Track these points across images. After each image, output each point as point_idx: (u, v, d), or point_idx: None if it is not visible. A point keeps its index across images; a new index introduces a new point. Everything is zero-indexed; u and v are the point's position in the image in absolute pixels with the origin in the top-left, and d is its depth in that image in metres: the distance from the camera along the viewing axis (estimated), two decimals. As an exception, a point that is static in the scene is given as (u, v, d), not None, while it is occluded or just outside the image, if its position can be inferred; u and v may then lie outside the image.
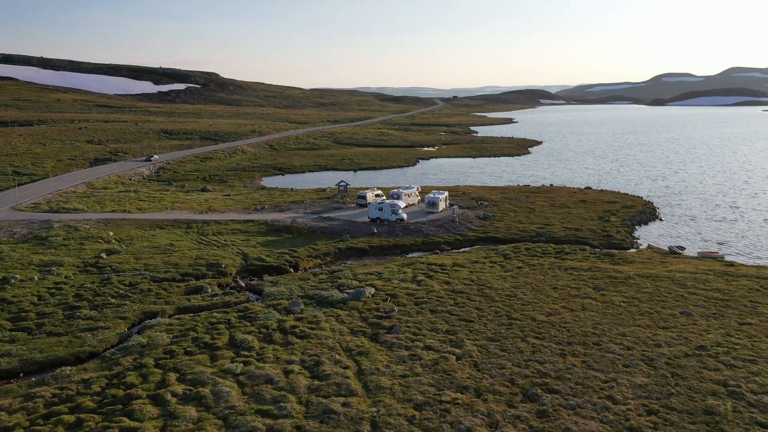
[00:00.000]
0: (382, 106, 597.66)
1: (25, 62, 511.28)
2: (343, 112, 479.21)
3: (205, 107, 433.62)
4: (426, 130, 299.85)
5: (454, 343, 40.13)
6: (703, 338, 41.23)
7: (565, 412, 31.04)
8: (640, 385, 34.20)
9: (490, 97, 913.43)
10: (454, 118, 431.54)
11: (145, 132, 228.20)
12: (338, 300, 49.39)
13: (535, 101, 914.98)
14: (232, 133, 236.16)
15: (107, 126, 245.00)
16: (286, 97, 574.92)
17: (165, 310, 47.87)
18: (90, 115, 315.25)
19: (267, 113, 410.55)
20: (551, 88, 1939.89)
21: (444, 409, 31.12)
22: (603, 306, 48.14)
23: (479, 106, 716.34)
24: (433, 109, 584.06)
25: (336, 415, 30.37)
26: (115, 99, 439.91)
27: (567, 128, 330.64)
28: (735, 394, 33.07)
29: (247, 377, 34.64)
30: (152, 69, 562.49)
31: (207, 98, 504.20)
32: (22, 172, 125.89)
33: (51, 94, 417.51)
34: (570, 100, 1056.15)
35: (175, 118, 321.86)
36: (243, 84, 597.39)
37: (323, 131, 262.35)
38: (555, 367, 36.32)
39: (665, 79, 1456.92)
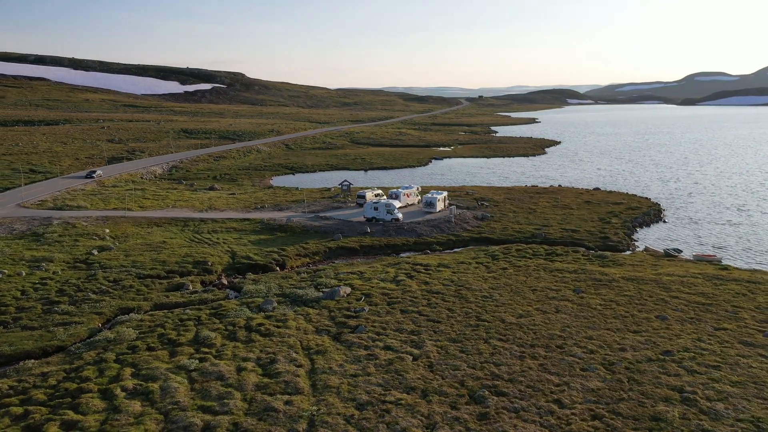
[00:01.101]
0: (406, 105, 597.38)
1: (56, 63, 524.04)
2: (365, 111, 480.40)
3: (229, 107, 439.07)
4: (445, 130, 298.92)
5: (415, 344, 40.01)
6: (671, 343, 40.37)
7: (507, 414, 30.72)
8: (593, 389, 33.65)
9: (516, 97, 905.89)
10: (476, 117, 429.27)
11: (165, 131, 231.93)
12: (312, 299, 49.63)
13: (562, 101, 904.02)
14: (250, 133, 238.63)
15: (129, 125, 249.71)
16: (310, 97, 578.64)
17: (141, 306, 48.68)
18: (115, 114, 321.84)
19: (289, 113, 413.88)
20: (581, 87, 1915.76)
21: (385, 409, 31.08)
22: (578, 309, 47.46)
23: (504, 105, 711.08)
24: (456, 109, 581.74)
25: (276, 413, 30.56)
26: (142, 99, 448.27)
27: (589, 128, 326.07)
28: (688, 400, 32.33)
29: (199, 374, 35.07)
30: (179, 69, 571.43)
31: (232, 98, 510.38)
32: (38, 170, 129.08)
33: (80, 94, 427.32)
34: (598, 100, 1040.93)
35: (198, 117, 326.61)
36: (268, 84, 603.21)
37: (341, 131, 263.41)
38: (510, 370, 35.96)
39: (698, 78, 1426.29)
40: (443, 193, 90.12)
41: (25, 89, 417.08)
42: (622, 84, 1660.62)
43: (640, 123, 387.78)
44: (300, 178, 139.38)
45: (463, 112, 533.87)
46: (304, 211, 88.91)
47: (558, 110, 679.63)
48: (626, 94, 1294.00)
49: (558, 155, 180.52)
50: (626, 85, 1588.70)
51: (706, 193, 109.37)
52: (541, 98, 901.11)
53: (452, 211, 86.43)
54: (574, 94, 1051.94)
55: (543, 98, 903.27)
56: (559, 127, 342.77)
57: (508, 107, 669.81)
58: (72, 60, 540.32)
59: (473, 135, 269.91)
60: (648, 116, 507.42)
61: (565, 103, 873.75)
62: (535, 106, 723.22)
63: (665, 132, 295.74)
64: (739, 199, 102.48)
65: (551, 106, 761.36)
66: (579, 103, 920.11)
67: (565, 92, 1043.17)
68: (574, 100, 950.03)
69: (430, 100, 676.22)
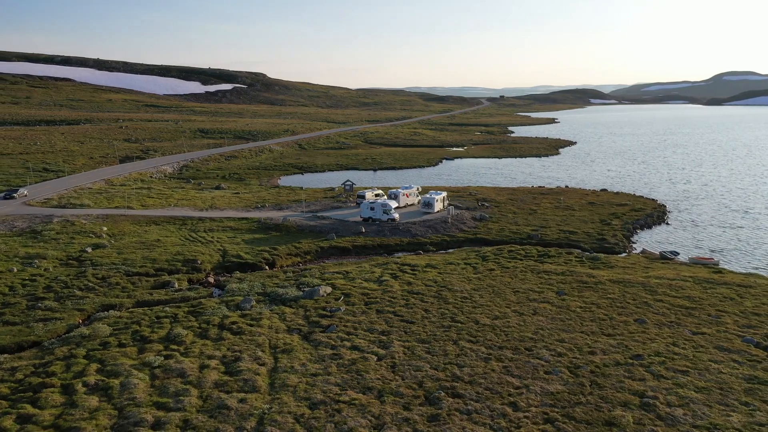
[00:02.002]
0: (426, 105, 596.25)
1: (82, 64, 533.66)
2: (384, 112, 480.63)
3: (249, 107, 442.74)
4: (462, 130, 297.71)
5: (383, 344, 39.98)
6: (644, 347, 39.74)
7: (458, 417, 30.55)
8: (552, 392, 33.29)
9: (538, 97, 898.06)
10: (495, 117, 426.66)
11: (182, 131, 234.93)
12: (291, 298, 49.87)
13: (585, 101, 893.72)
14: (265, 133, 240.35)
15: (148, 125, 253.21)
16: (330, 97, 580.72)
17: (123, 304, 49.41)
18: (136, 114, 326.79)
19: (308, 113, 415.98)
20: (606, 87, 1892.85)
21: (337, 409, 31.13)
22: (556, 311, 46.96)
23: (525, 105, 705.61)
24: (476, 109, 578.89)
25: (228, 410, 30.81)
26: (164, 99, 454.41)
27: (607, 128, 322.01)
28: (647, 405, 31.80)
29: (162, 370, 35.51)
30: (201, 70, 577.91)
31: (252, 98, 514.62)
32: (52, 168, 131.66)
33: (104, 95, 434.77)
34: (622, 100, 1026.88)
35: (217, 117, 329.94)
36: (288, 84, 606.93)
37: (356, 131, 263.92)
38: (472, 372, 35.73)
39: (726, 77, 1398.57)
40: (442, 194, 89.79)
41: (50, 89, 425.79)
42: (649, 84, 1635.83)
43: (661, 123, 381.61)
44: (308, 178, 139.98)
45: (482, 112, 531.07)
46: (303, 210, 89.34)
47: (580, 110, 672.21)
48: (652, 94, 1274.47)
49: (571, 156, 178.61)
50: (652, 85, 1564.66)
51: (714, 195, 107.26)
52: (564, 98, 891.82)
53: (450, 211, 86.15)
54: (597, 93, 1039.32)
55: (565, 98, 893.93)
56: (578, 127, 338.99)
57: (528, 107, 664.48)
58: (97, 61, 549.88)
59: (489, 135, 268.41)
60: (670, 116, 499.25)
61: (588, 103, 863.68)
62: (557, 106, 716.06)
63: (685, 132, 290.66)
64: (747, 202, 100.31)
65: (573, 106, 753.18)
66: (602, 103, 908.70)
67: (588, 92, 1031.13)
68: (597, 100, 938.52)
69: (450, 100, 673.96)
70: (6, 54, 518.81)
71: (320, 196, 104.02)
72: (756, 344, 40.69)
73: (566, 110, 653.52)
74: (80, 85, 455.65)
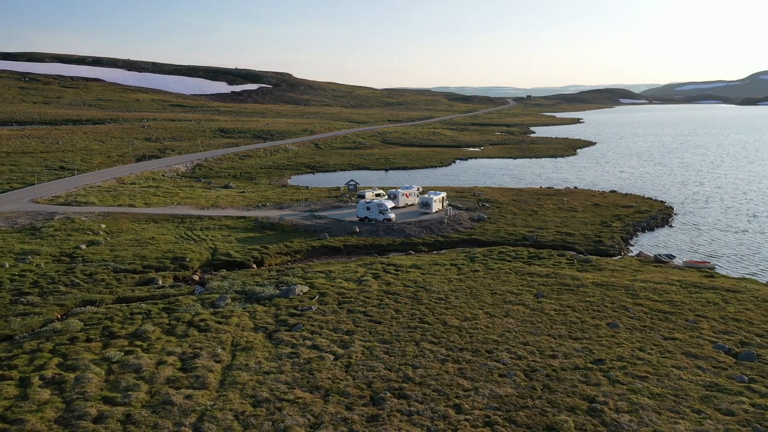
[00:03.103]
0: (450, 105, 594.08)
1: (112, 64, 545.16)
2: (407, 111, 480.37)
3: (273, 107, 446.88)
4: (482, 130, 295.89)
5: (343, 344, 40.05)
6: (608, 351, 39.04)
7: (398, 418, 30.46)
8: (501, 396, 32.94)
9: (566, 97, 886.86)
10: (519, 118, 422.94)
11: (202, 131, 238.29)
12: (266, 296, 50.29)
13: (614, 101, 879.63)
14: (284, 132, 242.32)
15: (170, 125, 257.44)
16: (354, 97, 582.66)
17: (104, 300, 50.39)
18: (162, 114, 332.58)
19: (331, 112, 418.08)
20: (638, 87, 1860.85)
21: (279, 407, 31.31)
22: (529, 313, 46.44)
23: (552, 105, 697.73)
24: (501, 109, 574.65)
25: (172, 406, 31.24)
26: (191, 99, 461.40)
27: (631, 129, 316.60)
28: (594, 411, 31.26)
29: (120, 366, 36.15)
30: (228, 70, 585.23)
31: (277, 98, 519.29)
32: (68, 167, 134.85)
33: (132, 95, 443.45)
34: (653, 100, 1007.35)
35: (240, 117, 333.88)
36: (314, 84, 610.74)
37: (374, 131, 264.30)
38: (425, 373, 35.57)
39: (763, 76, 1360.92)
40: (441, 194, 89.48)
41: (80, 90, 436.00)
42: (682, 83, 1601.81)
43: (688, 123, 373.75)
44: (319, 177, 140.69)
45: (507, 112, 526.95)
46: (303, 210, 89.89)
47: (608, 110, 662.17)
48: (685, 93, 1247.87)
49: (586, 157, 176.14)
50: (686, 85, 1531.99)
51: (725, 198, 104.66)
52: (592, 98, 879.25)
53: (448, 212, 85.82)
54: (627, 93, 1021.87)
55: (594, 98, 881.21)
56: (602, 127, 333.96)
57: (555, 107, 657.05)
58: (126, 61, 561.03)
59: (509, 135, 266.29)
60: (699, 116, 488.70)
61: (617, 103, 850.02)
62: (585, 106, 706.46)
63: (710, 133, 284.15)
64: (758, 206, 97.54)
65: (602, 106, 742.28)
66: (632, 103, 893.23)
67: (618, 92, 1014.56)
68: (627, 100, 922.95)
69: (475, 100, 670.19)
70: (40, 55, 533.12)
71: (324, 196, 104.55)
72: (727, 351, 39.66)
73: (593, 110, 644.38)
74: (109, 86, 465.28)
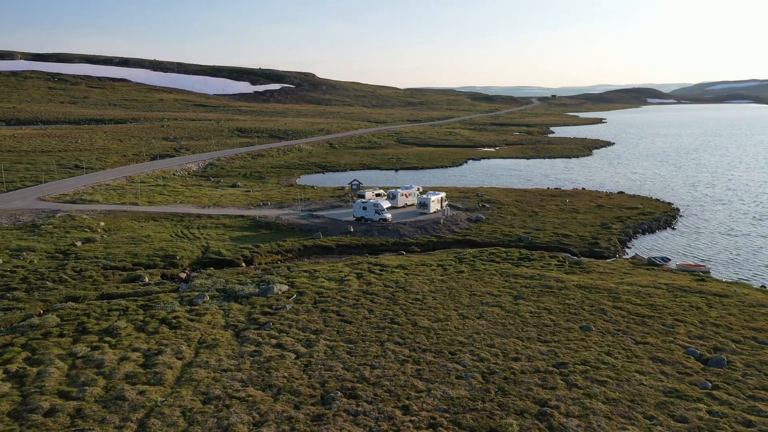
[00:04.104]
0: (472, 105, 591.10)
1: (138, 65, 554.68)
2: (428, 111, 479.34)
3: (294, 106, 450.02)
4: (501, 130, 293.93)
5: (308, 343, 40.21)
6: (574, 355, 38.52)
7: (343, 418, 30.49)
8: (452, 398, 32.75)
9: (592, 96, 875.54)
10: (540, 118, 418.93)
11: (220, 130, 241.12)
12: (245, 295, 50.72)
13: (641, 100, 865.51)
14: (300, 132, 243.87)
15: (189, 124, 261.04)
16: (376, 97, 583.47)
17: (87, 296, 51.39)
18: (184, 113, 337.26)
19: (351, 112, 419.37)
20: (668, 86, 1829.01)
21: (228, 404, 31.59)
22: (503, 315, 46.05)
23: (577, 105, 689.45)
24: (524, 109, 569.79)
25: (123, 401, 31.74)
26: (214, 99, 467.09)
27: (653, 129, 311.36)
28: (543, 415, 30.90)
29: (83, 361, 36.86)
30: (251, 70, 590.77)
31: (299, 98, 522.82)
32: (82, 165, 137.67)
33: (156, 95, 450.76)
34: (681, 100, 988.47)
35: (260, 117, 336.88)
36: (336, 84, 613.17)
37: (391, 130, 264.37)
38: (382, 373, 35.52)
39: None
40: (440, 194, 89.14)
41: (107, 90, 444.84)
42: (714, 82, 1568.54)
43: (713, 123, 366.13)
44: (329, 177, 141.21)
45: (529, 112, 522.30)
46: (302, 209, 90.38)
47: (634, 110, 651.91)
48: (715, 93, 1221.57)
49: (600, 157, 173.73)
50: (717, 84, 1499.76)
51: (734, 200, 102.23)
52: (618, 98, 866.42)
53: (445, 212, 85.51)
54: (655, 93, 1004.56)
55: (620, 98, 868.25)
56: (623, 127, 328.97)
57: (579, 107, 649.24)
58: (153, 62, 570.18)
59: (527, 135, 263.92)
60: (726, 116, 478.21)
61: (644, 103, 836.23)
62: (610, 106, 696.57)
63: (733, 133, 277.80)
64: (765, 209, 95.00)
65: (627, 106, 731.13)
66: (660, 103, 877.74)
67: (645, 91, 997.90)
68: (654, 100, 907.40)
69: (498, 100, 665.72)
70: (69, 56, 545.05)
71: (327, 196, 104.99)
72: (698, 357, 38.83)
73: (619, 110, 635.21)
74: (135, 86, 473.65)
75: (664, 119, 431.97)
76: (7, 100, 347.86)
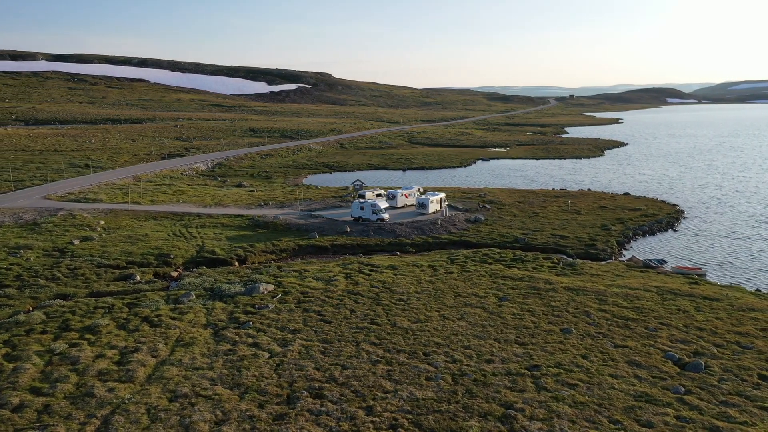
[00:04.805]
0: (488, 105, 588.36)
1: (156, 65, 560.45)
2: (443, 111, 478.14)
3: (309, 106, 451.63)
4: (514, 130, 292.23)
5: (284, 342, 40.39)
6: (549, 358, 38.21)
7: (305, 417, 30.59)
8: (418, 399, 32.69)
9: (610, 96, 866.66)
10: (556, 118, 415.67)
11: (233, 130, 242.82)
12: (230, 294, 51.07)
13: (661, 100, 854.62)
14: (312, 132, 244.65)
15: (203, 124, 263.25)
16: (392, 97, 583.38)
17: (77, 293, 52.13)
18: (199, 113, 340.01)
19: (366, 112, 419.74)
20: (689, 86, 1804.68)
21: (193, 402, 31.86)
22: (485, 317, 45.82)
23: (595, 105, 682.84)
24: (540, 109, 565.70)
25: (91, 398, 32.18)
26: (230, 99, 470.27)
27: (669, 129, 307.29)
28: (507, 417, 30.71)
29: (60, 357, 37.42)
30: (267, 70, 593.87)
31: (315, 98, 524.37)
32: (93, 165, 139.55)
33: (173, 95, 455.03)
34: (702, 100, 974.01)
35: (274, 116, 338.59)
36: (352, 84, 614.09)
37: (402, 130, 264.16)
38: (352, 374, 35.57)
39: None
40: (439, 195, 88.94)
41: (125, 90, 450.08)
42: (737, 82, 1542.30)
43: (732, 124, 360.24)
44: (336, 177, 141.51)
45: (545, 112, 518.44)
46: (302, 209, 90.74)
47: (653, 110, 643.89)
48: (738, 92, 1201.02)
49: (611, 158, 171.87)
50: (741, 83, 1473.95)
51: (741, 203, 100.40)
52: (637, 98, 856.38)
53: (443, 213, 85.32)
54: (676, 93, 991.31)
55: (639, 98, 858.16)
56: (639, 128, 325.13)
57: (597, 107, 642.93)
58: (171, 62, 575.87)
59: (540, 136, 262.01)
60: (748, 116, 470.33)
61: (664, 103, 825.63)
62: (629, 106, 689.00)
63: (750, 134, 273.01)
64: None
65: (647, 106, 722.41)
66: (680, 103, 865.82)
67: (666, 91, 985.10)
68: (675, 100, 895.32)
69: (515, 100, 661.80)
70: (89, 56, 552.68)
71: (330, 195, 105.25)
72: (676, 361, 38.30)
73: (637, 110, 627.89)
74: (153, 86, 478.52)
75: (681, 119, 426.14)
76: (28, 100, 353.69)
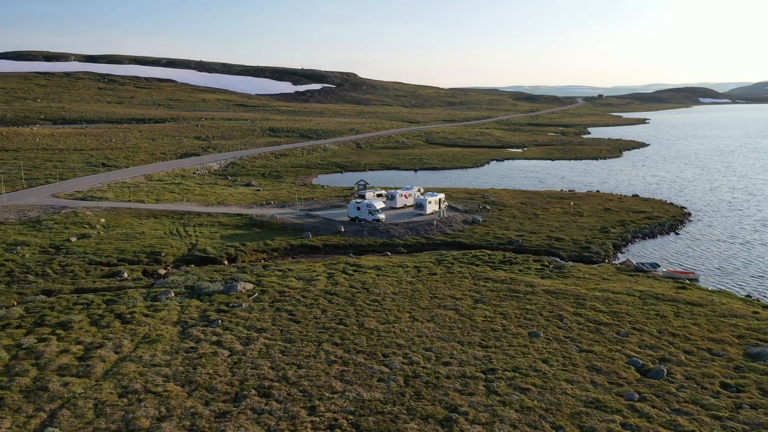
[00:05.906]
0: (513, 105, 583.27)
1: (184, 66, 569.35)
2: (466, 111, 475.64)
3: (333, 106, 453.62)
4: (535, 131, 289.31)
5: (247, 341, 40.78)
6: (509, 362, 37.82)
7: (247, 416, 30.85)
8: (364, 400, 32.68)
9: (641, 96, 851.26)
10: (581, 118, 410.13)
11: (253, 129, 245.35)
12: (209, 292, 51.70)
13: (693, 100, 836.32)
14: (330, 131, 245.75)
15: (223, 124, 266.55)
16: (416, 97, 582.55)
17: (62, 289, 53.37)
18: (222, 113, 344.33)
19: (388, 112, 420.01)
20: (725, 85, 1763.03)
21: (142, 398, 32.39)
22: (454, 319, 45.58)
23: (623, 105, 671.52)
24: (566, 109, 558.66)
25: (44, 392, 32.96)
26: (255, 99, 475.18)
27: (694, 130, 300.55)
28: (448, 420, 30.54)
29: (26, 352, 38.39)
30: (293, 70, 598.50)
31: (339, 98, 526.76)
32: (109, 164, 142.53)
33: (200, 95, 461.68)
34: (737, 99, 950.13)
35: (296, 116, 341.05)
36: (377, 84, 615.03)
37: (420, 130, 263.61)
38: (305, 373, 35.75)
39: None
40: (438, 195, 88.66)
41: (153, 90, 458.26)
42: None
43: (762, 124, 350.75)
44: (346, 177, 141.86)
45: (571, 112, 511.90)
46: (302, 208, 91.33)
47: (684, 110, 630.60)
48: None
49: (627, 159, 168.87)
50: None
51: (750, 206, 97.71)
52: (669, 97, 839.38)
53: (441, 213, 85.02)
54: (709, 92, 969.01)
55: (670, 97, 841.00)
56: (664, 128, 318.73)
57: (626, 107, 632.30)
58: (198, 63, 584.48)
59: (561, 136, 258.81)
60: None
61: (696, 103, 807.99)
62: (659, 106, 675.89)
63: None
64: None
65: (678, 106, 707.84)
66: (713, 103, 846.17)
67: (699, 91, 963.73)
68: (707, 100, 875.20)
69: (541, 100, 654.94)
70: (119, 57, 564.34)
71: (334, 195, 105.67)
72: (639, 367, 37.58)
73: (667, 110, 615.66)
74: (180, 86, 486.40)
75: (710, 120, 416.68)
76: (58, 100, 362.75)
